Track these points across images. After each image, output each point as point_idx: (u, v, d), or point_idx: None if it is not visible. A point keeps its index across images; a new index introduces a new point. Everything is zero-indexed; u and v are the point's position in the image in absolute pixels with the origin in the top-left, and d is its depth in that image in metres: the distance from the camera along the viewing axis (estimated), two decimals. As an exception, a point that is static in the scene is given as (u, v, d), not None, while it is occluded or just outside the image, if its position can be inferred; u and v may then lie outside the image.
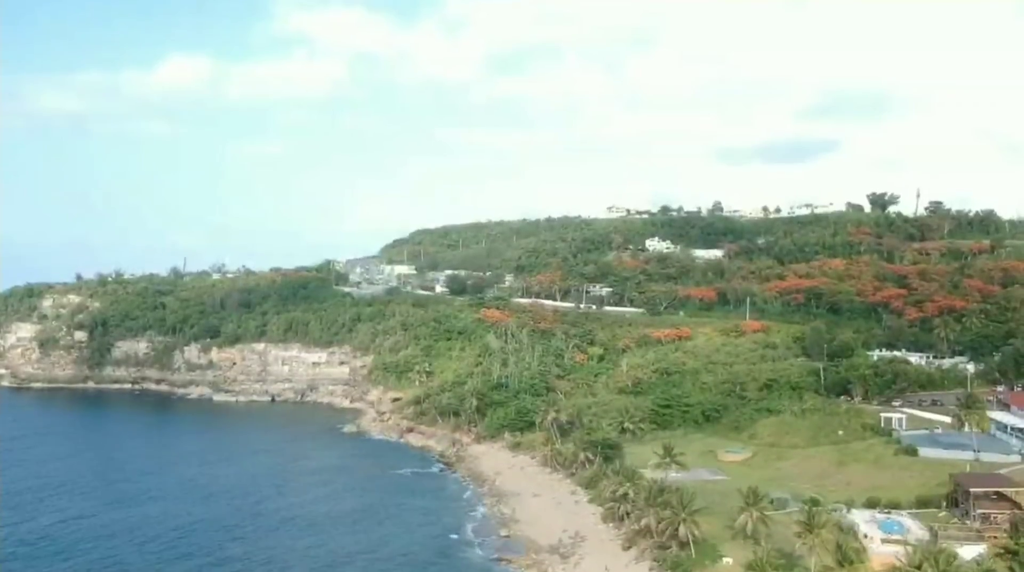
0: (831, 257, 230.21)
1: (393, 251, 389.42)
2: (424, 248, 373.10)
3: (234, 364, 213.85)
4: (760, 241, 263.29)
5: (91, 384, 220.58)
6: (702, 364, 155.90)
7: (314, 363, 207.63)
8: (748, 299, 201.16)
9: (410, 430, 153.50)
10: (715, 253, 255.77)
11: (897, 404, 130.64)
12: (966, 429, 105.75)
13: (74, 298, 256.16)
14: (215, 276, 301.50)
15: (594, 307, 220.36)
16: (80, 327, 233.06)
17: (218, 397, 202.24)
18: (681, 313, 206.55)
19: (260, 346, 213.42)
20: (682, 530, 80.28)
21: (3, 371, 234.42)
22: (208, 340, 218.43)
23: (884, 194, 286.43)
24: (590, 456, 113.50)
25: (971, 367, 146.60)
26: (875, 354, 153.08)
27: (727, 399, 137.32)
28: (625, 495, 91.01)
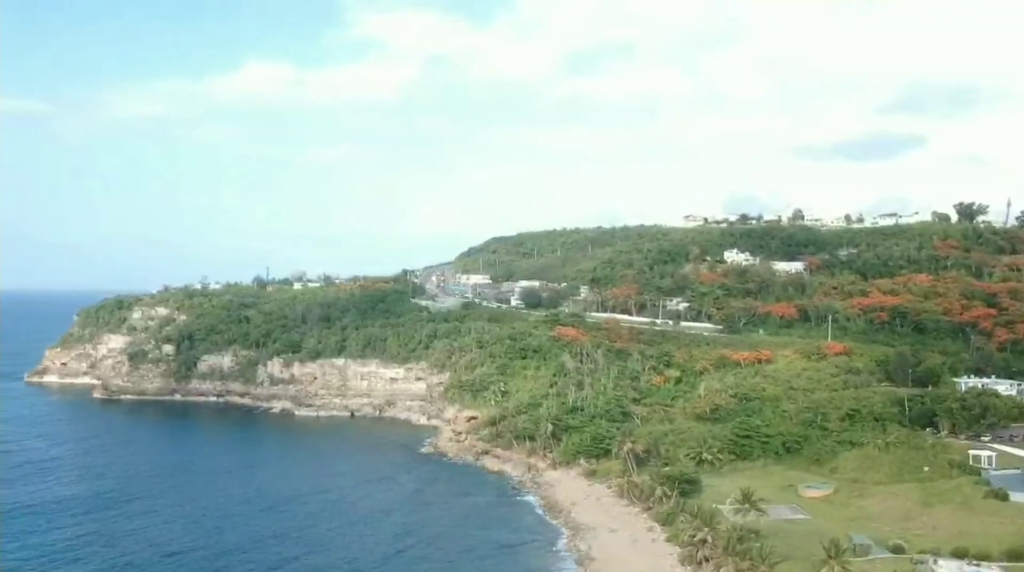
0: (916, 272, 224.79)
1: (468, 260, 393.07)
2: (499, 257, 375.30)
3: (315, 379, 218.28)
4: (842, 253, 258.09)
5: (178, 397, 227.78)
6: (782, 390, 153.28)
7: (392, 379, 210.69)
8: (830, 317, 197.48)
9: (486, 453, 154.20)
10: (796, 266, 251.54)
11: (986, 439, 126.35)
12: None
13: (162, 310, 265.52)
14: (296, 286, 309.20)
15: (671, 323, 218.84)
16: (168, 340, 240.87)
17: (300, 412, 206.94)
18: (760, 330, 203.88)
19: (340, 361, 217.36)
20: (762, 582, 79.22)
21: (96, 382, 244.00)
22: (290, 355, 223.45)
23: (972, 204, 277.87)
24: (667, 490, 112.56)
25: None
26: (963, 382, 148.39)
27: (808, 430, 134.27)
28: (704, 540, 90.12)
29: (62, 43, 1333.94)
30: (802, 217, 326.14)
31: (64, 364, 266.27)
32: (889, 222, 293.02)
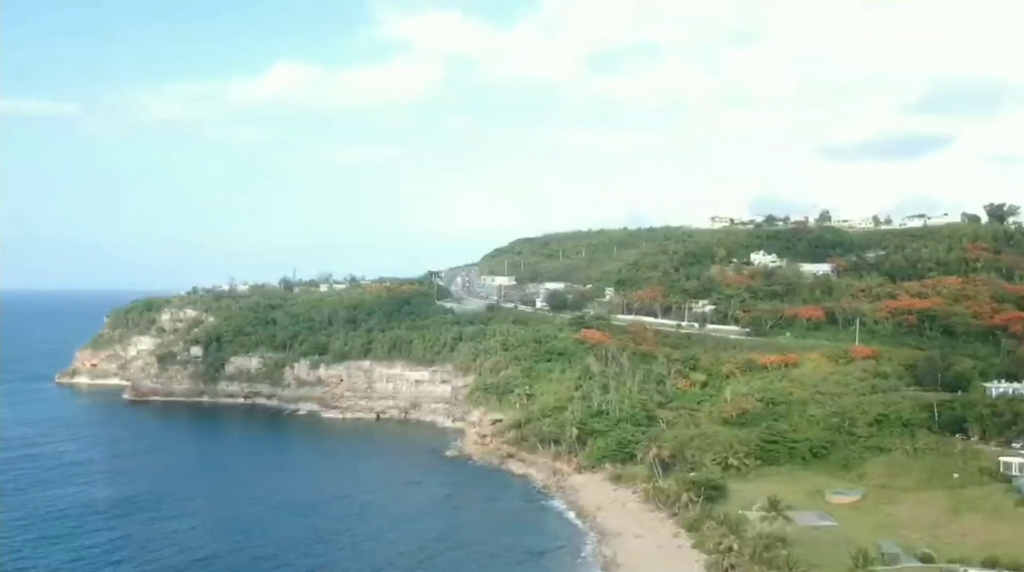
0: (945, 274, 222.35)
1: (494, 261, 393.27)
2: (524, 258, 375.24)
3: (341, 381, 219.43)
4: (870, 255, 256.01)
5: (206, 398, 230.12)
6: (809, 394, 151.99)
7: (417, 381, 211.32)
8: (858, 320, 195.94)
9: (511, 456, 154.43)
10: (823, 268, 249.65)
11: (1017, 445, 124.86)
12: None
13: (190, 312, 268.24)
14: (323, 288, 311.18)
15: (697, 325, 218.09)
16: (196, 342, 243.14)
17: (326, 414, 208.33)
18: (787, 334, 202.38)
19: (366, 364, 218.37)
20: (788, 591, 78.84)
21: (125, 383, 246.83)
22: (316, 357, 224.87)
23: (1003, 204, 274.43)
24: (693, 496, 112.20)
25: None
26: (993, 387, 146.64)
27: (835, 435, 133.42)
28: (730, 548, 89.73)
29: (92, 46, 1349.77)
30: (829, 218, 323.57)
31: (94, 365, 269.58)
32: (917, 223, 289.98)
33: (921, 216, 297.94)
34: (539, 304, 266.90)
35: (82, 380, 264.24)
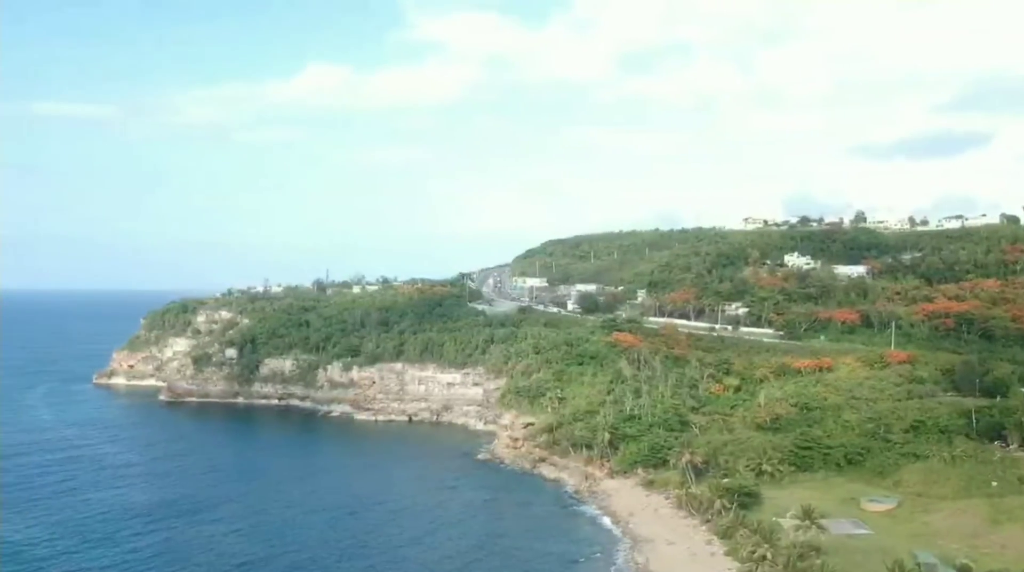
0: (984, 277, 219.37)
1: (525, 262, 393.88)
2: (555, 259, 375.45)
3: (373, 383, 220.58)
4: (906, 257, 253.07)
5: (240, 399, 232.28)
6: (844, 399, 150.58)
7: (449, 384, 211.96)
8: (893, 323, 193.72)
9: (542, 460, 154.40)
10: (858, 270, 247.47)
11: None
12: None
13: (225, 314, 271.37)
14: (355, 289, 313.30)
15: (730, 328, 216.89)
16: (231, 344, 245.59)
17: (359, 416, 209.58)
18: (822, 337, 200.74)
19: (398, 366, 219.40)
20: (823, 602, 78.22)
21: (161, 384, 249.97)
22: (349, 359, 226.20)
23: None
24: (726, 503, 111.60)
25: None
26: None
27: (871, 441, 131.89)
28: (763, 557, 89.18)
29: (129, 49, 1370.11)
30: (864, 219, 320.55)
31: (131, 366, 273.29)
32: (954, 224, 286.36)
33: (958, 217, 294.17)
34: (570, 306, 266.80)
35: (119, 381, 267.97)
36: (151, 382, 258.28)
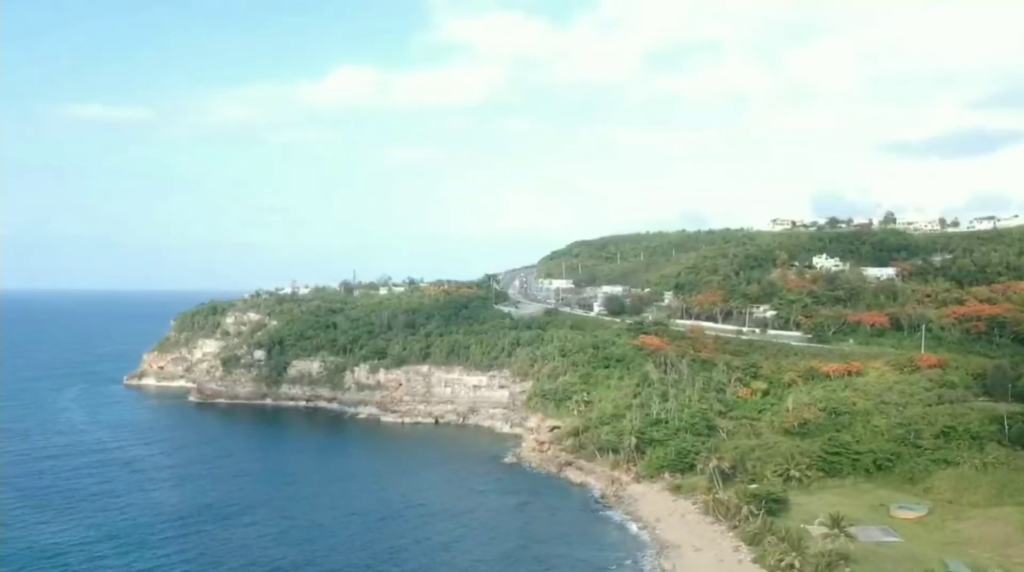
0: (1016, 279, 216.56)
1: (551, 263, 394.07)
2: (581, 261, 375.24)
3: (400, 385, 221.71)
4: (936, 259, 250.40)
5: (268, 401, 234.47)
6: (873, 404, 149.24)
7: (475, 386, 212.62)
8: (923, 326, 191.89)
9: (569, 464, 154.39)
10: (887, 272, 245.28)
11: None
12: None
13: (254, 316, 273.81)
14: (382, 290, 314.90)
15: (757, 331, 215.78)
16: (259, 346, 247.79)
17: (385, 418, 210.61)
18: (851, 341, 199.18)
19: (424, 368, 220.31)
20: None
21: (191, 385, 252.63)
22: (376, 361, 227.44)
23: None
24: (754, 509, 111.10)
25: None
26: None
27: (900, 447, 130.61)
28: (791, 566, 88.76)
29: (163, 52, 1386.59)
30: (894, 220, 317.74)
31: (161, 367, 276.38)
32: (986, 225, 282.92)
33: (990, 218, 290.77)
34: (597, 308, 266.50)
35: (149, 382, 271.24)
36: (181, 383, 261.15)
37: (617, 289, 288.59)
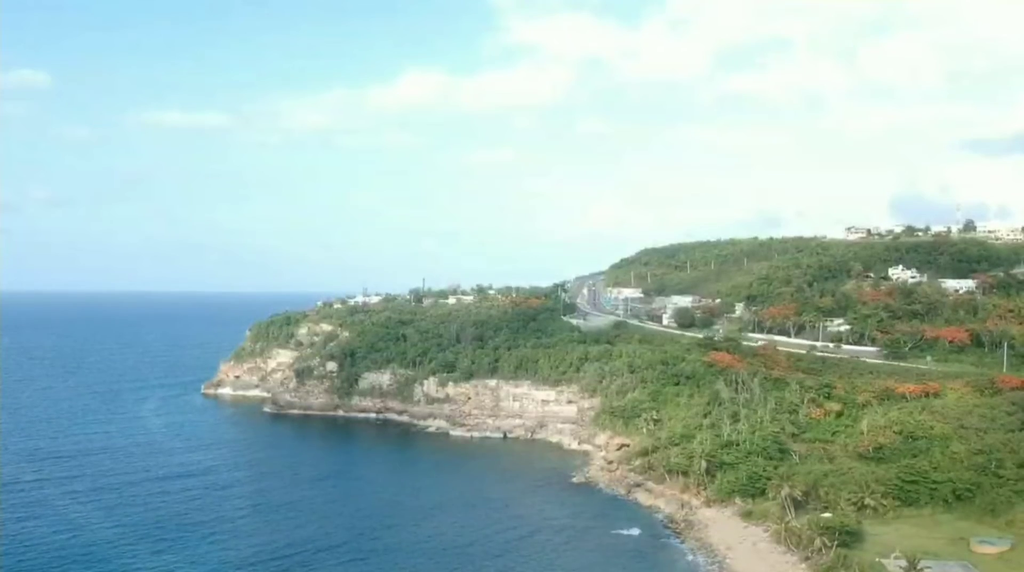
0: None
1: (620, 271, 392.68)
2: (651, 269, 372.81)
3: (469, 399, 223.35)
4: (1020, 271, 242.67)
5: (340, 412, 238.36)
6: (952, 429, 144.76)
7: (543, 401, 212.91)
8: (1006, 344, 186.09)
9: (637, 485, 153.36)
10: (967, 284, 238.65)
11: None
12: None
13: (326, 327, 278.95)
14: (451, 299, 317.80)
15: (831, 346, 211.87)
16: (331, 357, 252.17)
17: (454, 432, 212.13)
18: (928, 357, 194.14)
19: (492, 382, 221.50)
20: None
21: (266, 395, 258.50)
22: (445, 374, 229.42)
23: None
24: (827, 541, 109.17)
25: None
26: None
27: (981, 476, 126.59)
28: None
29: (238, 58, 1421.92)
30: (974, 228, 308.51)
31: (237, 377, 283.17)
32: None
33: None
34: (666, 321, 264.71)
35: (226, 391, 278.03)
36: (256, 393, 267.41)
37: (687, 300, 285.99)
